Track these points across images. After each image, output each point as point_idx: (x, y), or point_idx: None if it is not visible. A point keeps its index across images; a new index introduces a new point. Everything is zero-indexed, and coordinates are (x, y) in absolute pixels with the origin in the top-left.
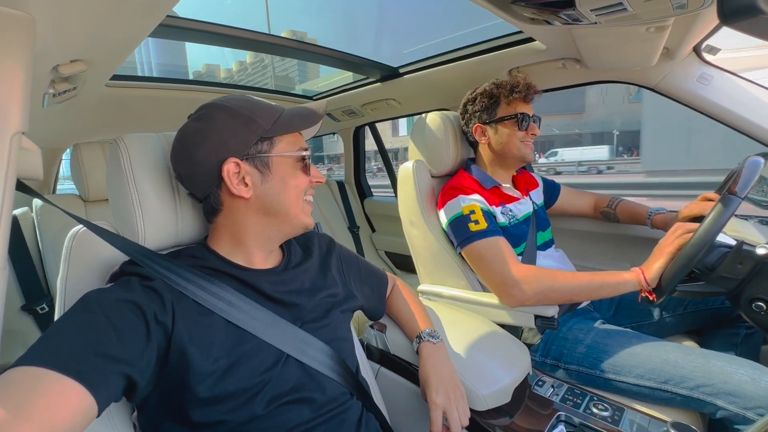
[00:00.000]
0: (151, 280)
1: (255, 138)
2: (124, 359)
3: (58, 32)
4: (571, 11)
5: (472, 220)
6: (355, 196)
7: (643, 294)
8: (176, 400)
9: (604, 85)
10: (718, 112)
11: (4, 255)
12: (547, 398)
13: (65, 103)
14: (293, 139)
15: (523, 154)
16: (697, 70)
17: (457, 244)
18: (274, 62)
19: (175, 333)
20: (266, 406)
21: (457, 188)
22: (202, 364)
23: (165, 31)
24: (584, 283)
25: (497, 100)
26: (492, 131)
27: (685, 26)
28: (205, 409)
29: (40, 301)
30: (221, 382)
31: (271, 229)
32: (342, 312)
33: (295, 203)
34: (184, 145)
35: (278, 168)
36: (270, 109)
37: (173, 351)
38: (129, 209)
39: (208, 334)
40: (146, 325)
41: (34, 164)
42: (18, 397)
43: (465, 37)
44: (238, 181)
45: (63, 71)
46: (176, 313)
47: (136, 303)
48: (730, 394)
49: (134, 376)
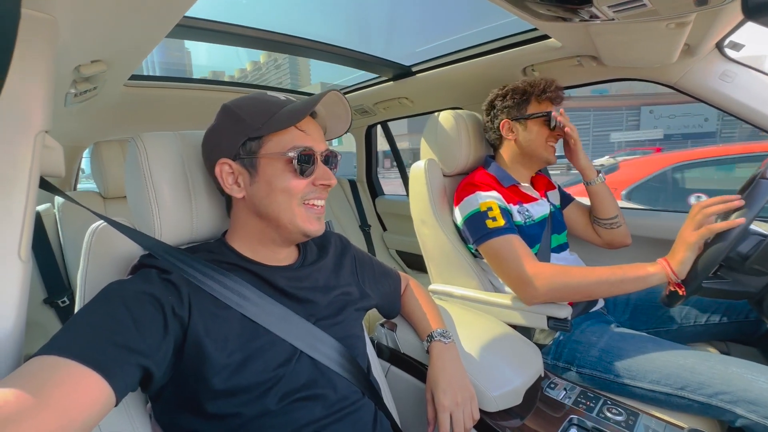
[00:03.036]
0: (169, 273)
1: (242, 138)
2: (141, 350)
3: (79, 33)
4: (587, 8)
5: (490, 216)
6: (367, 195)
7: (672, 288)
8: (191, 392)
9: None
10: (742, 110)
11: (28, 249)
12: (559, 401)
13: (86, 102)
14: (287, 138)
15: (548, 155)
16: (719, 67)
17: (474, 240)
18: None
19: (191, 326)
20: (279, 401)
21: (475, 184)
22: (218, 356)
23: (182, 32)
24: (603, 278)
25: (528, 98)
26: (521, 127)
27: (707, 22)
28: (220, 401)
29: (61, 295)
30: (235, 375)
31: (270, 231)
32: (356, 310)
33: (286, 208)
34: (201, 146)
35: (264, 169)
36: (268, 106)
37: (189, 343)
38: (146, 206)
39: (224, 328)
40: (164, 318)
41: (57, 162)
42: (37, 385)
43: (479, 35)
44: (232, 182)
45: (84, 71)
46: (193, 306)
47: (154, 295)
48: (751, 402)
49: (151, 368)
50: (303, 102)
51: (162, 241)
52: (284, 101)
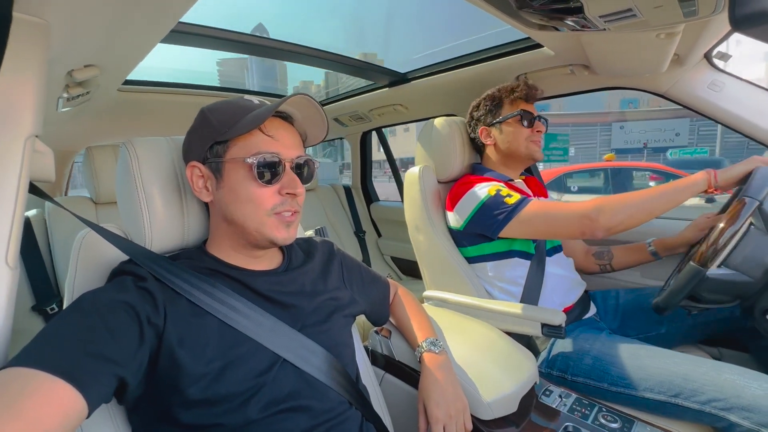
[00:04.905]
0: (145, 280)
1: (210, 141)
2: (116, 360)
3: (73, 38)
4: (579, 18)
5: (504, 195)
6: (362, 201)
7: (710, 190)
8: (167, 402)
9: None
10: (730, 119)
11: (15, 256)
12: (555, 408)
13: (79, 107)
14: (252, 142)
15: (531, 152)
16: (708, 76)
17: (496, 225)
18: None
19: (165, 335)
20: (261, 411)
21: (471, 182)
22: (194, 366)
23: (176, 38)
24: (659, 192)
25: (500, 102)
26: (497, 132)
27: (696, 32)
28: (198, 411)
29: (50, 302)
30: (214, 384)
31: (239, 237)
32: (344, 317)
33: (252, 216)
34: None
35: (229, 175)
36: (238, 110)
37: (163, 353)
38: (137, 212)
39: (202, 335)
40: (140, 326)
41: (47, 167)
42: (7, 397)
43: (473, 43)
44: (201, 185)
45: (77, 76)
46: (168, 314)
47: (129, 304)
48: (744, 408)
49: (126, 377)
50: (268, 105)
51: (145, 248)
52: (256, 105)
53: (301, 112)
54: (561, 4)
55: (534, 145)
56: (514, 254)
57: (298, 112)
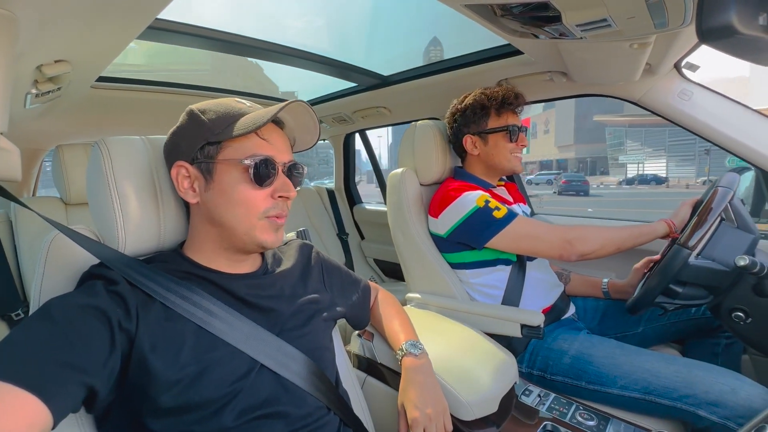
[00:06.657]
0: (117, 284)
1: (201, 141)
2: (85, 368)
3: (42, 32)
4: (557, 26)
5: (492, 208)
6: (345, 203)
7: (672, 235)
8: (138, 410)
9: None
10: (698, 126)
11: None
12: (534, 407)
13: (49, 103)
14: (247, 145)
15: (513, 166)
16: (678, 86)
17: (482, 238)
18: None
19: (137, 341)
20: (236, 418)
21: (457, 189)
22: (167, 372)
23: (153, 34)
24: (626, 233)
25: (487, 111)
26: (482, 143)
27: (667, 43)
28: (171, 419)
29: (15, 308)
30: (188, 390)
31: (223, 240)
32: (324, 320)
33: (243, 219)
34: (162, 148)
35: (221, 176)
36: (232, 111)
37: (134, 359)
38: (109, 214)
39: (176, 340)
40: (111, 332)
41: (13, 165)
42: None
43: (455, 47)
44: (187, 186)
45: (47, 71)
46: (140, 319)
47: (100, 308)
48: (712, 404)
49: (95, 386)
50: (266, 110)
51: (118, 252)
52: (249, 108)
53: (295, 120)
54: (540, 12)
55: (515, 159)
56: (499, 263)
57: (291, 118)
